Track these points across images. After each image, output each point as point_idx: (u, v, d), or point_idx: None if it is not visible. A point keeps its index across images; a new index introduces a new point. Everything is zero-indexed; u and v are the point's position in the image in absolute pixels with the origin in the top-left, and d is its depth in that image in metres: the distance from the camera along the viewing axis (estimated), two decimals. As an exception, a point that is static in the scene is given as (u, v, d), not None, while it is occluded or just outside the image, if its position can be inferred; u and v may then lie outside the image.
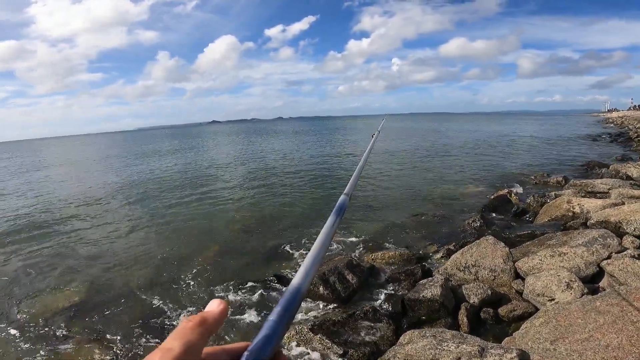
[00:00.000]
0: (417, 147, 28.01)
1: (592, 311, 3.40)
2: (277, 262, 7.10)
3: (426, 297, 4.76)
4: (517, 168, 16.64)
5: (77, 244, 8.96)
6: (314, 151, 29.04)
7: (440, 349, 3.35)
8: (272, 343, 0.42)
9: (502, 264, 5.43)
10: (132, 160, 30.68)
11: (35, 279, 7.06)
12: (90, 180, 20.07)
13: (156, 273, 6.91)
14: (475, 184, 13.45)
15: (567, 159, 19.06)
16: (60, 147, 77.32)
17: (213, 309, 0.46)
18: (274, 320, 0.44)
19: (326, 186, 14.50)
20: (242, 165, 22.70)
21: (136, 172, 21.92)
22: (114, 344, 4.82)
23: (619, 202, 7.56)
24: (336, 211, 0.81)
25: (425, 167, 18.24)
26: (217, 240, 8.56)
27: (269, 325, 0.43)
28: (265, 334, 0.42)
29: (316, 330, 4.23)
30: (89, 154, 45.27)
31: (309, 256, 0.57)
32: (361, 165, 1.37)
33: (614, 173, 12.29)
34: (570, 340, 3.16)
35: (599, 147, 24.37)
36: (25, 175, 24.54)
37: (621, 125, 45.41)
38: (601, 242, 5.41)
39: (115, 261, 7.72)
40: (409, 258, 6.63)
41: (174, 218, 10.81)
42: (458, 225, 8.34)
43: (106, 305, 5.85)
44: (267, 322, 0.44)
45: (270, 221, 9.84)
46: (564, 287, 4.40)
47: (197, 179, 17.95)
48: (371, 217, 9.65)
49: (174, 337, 0.39)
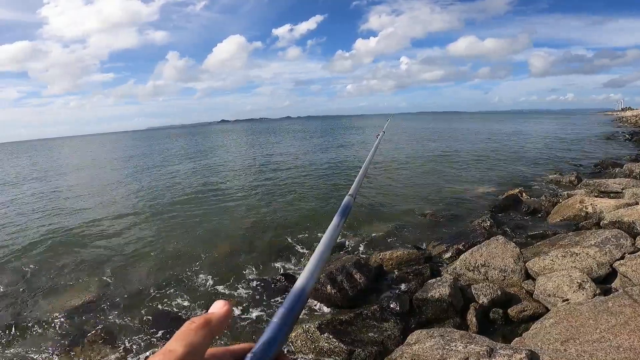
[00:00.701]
0: (425, 147, 27.80)
1: (604, 312, 3.34)
2: (281, 262, 7.12)
3: (434, 297, 4.73)
4: (529, 167, 16.41)
5: (89, 243, 9.10)
6: (320, 150, 29.01)
7: (448, 349, 3.32)
8: (276, 345, 0.42)
9: (513, 264, 5.36)
10: (143, 160, 31.04)
11: (46, 277, 7.19)
12: (104, 179, 20.36)
13: (163, 272, 6.98)
14: (485, 183, 13.30)
15: (580, 158, 18.73)
16: (75, 147, 78.53)
17: (217, 310, 0.46)
18: (277, 322, 0.44)
19: (332, 186, 14.48)
20: (247, 165, 22.78)
21: (146, 171, 22.17)
22: (121, 343, 4.88)
23: (633, 202, 7.42)
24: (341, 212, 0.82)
25: (434, 166, 18.08)
26: (224, 240, 8.61)
27: (272, 326, 0.44)
28: (268, 336, 0.42)
29: (323, 329, 4.23)
30: (104, 154, 45.89)
31: (313, 257, 0.58)
32: (366, 166, 1.36)
33: (627, 172, 12.04)
34: (581, 341, 3.11)
35: (612, 146, 23.89)
36: (41, 174, 25.00)
37: (635, 124, 44.49)
38: (614, 243, 5.31)
39: (125, 259, 7.84)
40: (417, 257, 6.58)
41: (182, 217, 10.91)
42: (467, 225, 8.26)
43: (115, 304, 5.94)
44: (270, 323, 0.44)
45: (274, 221, 9.86)
46: (576, 288, 4.33)
47: (206, 177, 18.09)
48: (379, 217, 9.62)
49: (176, 339, 0.40)
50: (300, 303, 0.47)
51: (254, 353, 0.41)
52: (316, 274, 0.53)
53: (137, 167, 25.73)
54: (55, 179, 22.32)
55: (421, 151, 24.94)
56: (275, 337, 0.42)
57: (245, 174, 18.86)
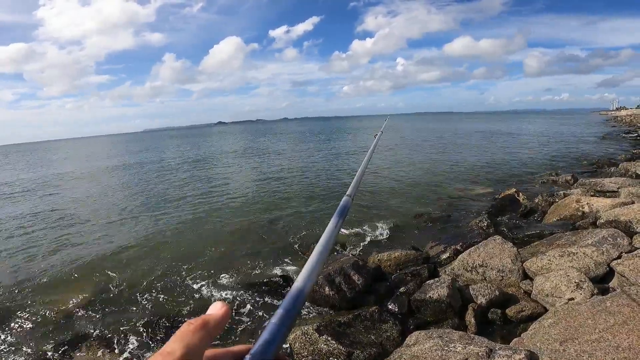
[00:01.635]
0: (422, 148, 27.88)
1: (602, 312, 3.35)
2: (280, 263, 7.10)
3: (433, 298, 4.73)
4: (525, 167, 16.49)
5: (86, 242, 9.04)
6: (316, 152, 29.01)
7: (447, 350, 3.31)
8: (274, 346, 0.42)
9: (510, 264, 5.36)
10: (139, 163, 30.92)
11: (42, 278, 7.14)
12: (100, 185, 20.27)
13: (160, 274, 6.95)
14: (482, 183, 13.34)
15: (576, 158, 18.85)
16: (73, 149, 78.13)
17: (215, 311, 0.46)
18: (275, 322, 0.44)
19: (329, 187, 14.47)
20: (244, 168, 22.74)
21: (142, 175, 22.10)
22: (119, 344, 4.85)
23: (629, 201, 7.45)
24: (339, 213, 0.82)
25: (431, 167, 18.13)
26: (221, 241, 8.59)
27: (271, 328, 0.43)
28: (266, 337, 0.42)
29: (322, 331, 4.20)
30: (100, 160, 45.69)
31: (311, 258, 0.57)
32: (363, 167, 1.36)
33: (623, 172, 12.12)
34: (580, 341, 3.11)
35: (607, 146, 24.07)
36: (38, 174, 24.85)
37: (630, 124, 44.83)
38: (611, 242, 5.33)
39: (122, 261, 7.79)
40: (416, 258, 6.57)
41: (179, 219, 10.87)
42: (465, 226, 8.27)
43: (112, 305, 5.91)
44: (269, 324, 0.44)
45: (271, 223, 9.84)
46: (574, 288, 4.34)
47: (202, 181, 18.04)
48: (377, 218, 9.61)
49: (175, 340, 0.39)
50: (298, 304, 0.47)
51: (253, 354, 0.41)
52: (314, 275, 0.53)
53: (133, 171, 25.61)
54: (51, 180, 22.20)
55: (418, 152, 25.00)
56: (274, 338, 0.42)
57: (242, 177, 18.82)
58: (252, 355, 0.41)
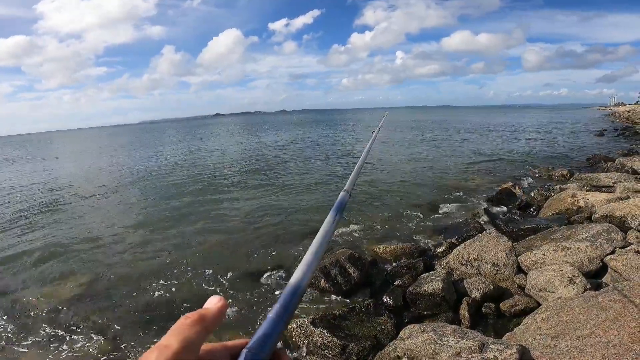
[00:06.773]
0: (419, 142, 27.82)
1: (594, 307, 3.38)
2: (277, 258, 7.07)
3: (427, 291, 4.76)
4: (522, 161, 16.51)
5: (82, 235, 9.03)
6: (313, 146, 28.92)
7: (441, 343, 3.35)
8: (271, 340, 0.42)
9: (505, 258, 5.40)
10: (142, 154, 30.77)
11: (38, 269, 7.14)
12: (100, 172, 20.18)
13: (157, 267, 6.92)
14: (478, 177, 13.37)
15: (572, 153, 18.91)
16: (71, 141, 77.51)
17: (212, 305, 0.46)
18: (273, 317, 0.44)
19: (327, 181, 14.45)
20: (239, 160, 22.65)
21: (142, 165, 22.01)
22: (116, 339, 4.85)
23: (624, 196, 7.49)
24: (336, 208, 0.81)
25: (428, 160, 18.13)
26: (218, 235, 8.56)
27: (268, 322, 0.44)
28: (264, 332, 0.42)
29: (317, 323, 4.23)
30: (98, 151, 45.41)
31: (309, 253, 0.57)
32: (361, 162, 1.35)
33: (619, 167, 12.16)
34: (571, 337, 3.14)
35: (604, 141, 24.13)
36: (35, 165, 24.70)
37: (628, 120, 44.92)
38: (605, 237, 5.36)
39: (119, 252, 7.79)
40: (411, 251, 6.60)
41: (176, 213, 10.83)
42: (461, 219, 8.29)
43: (108, 298, 5.90)
44: (266, 319, 0.44)
45: (268, 217, 9.80)
46: (567, 282, 4.37)
47: (198, 173, 17.99)
48: (373, 211, 9.63)
49: (171, 334, 0.39)
50: (295, 299, 0.48)
51: (250, 348, 0.41)
52: (311, 270, 0.54)
53: (130, 162, 25.50)
54: (50, 171, 22.07)
55: (415, 146, 24.97)
56: (271, 332, 0.43)
57: (238, 170, 18.72)
58: (249, 349, 0.41)
